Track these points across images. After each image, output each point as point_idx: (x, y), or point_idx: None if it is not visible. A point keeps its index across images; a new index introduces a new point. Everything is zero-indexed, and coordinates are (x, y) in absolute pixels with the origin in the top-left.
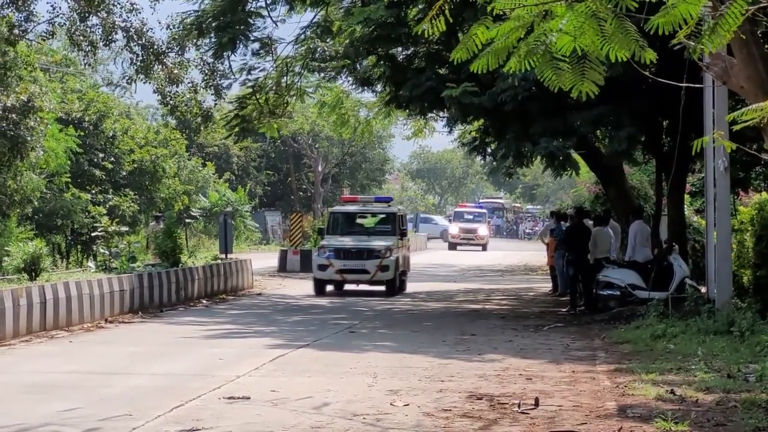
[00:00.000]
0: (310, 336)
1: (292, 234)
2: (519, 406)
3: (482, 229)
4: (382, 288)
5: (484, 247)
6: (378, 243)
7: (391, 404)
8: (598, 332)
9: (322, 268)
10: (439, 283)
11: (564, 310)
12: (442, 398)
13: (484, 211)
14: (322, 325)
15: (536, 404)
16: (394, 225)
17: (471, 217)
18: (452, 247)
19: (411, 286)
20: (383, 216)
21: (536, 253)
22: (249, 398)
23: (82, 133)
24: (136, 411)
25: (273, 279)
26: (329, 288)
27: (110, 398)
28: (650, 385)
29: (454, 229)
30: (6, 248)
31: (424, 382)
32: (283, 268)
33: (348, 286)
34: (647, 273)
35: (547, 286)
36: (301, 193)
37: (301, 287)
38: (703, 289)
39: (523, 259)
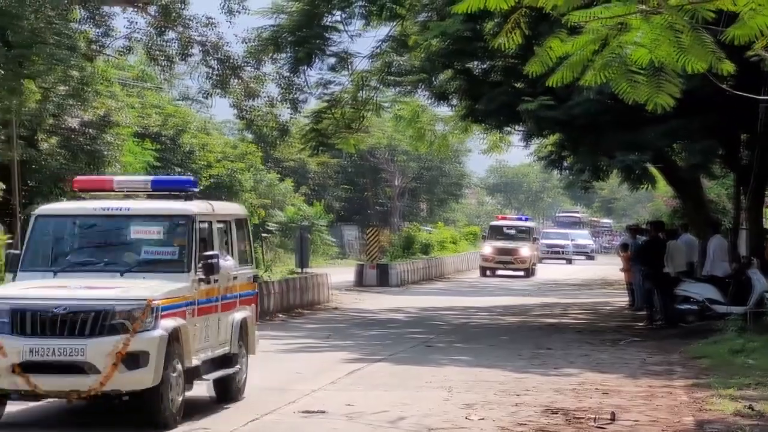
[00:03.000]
0: (386, 350)
1: (368, 248)
2: (595, 420)
3: (525, 249)
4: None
5: (528, 273)
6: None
7: (466, 418)
8: (675, 347)
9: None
10: (515, 297)
11: (641, 324)
12: (517, 412)
13: (530, 225)
14: (399, 339)
15: (613, 419)
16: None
17: (512, 232)
18: (484, 272)
19: (486, 301)
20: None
21: (614, 267)
22: (325, 412)
23: (160, 148)
24: (213, 424)
25: (350, 293)
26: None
27: (187, 410)
28: (728, 400)
29: (487, 248)
30: None
31: (499, 396)
32: (360, 282)
33: None
34: (726, 287)
35: (624, 300)
36: (378, 208)
37: (377, 301)
38: None
39: (600, 273)
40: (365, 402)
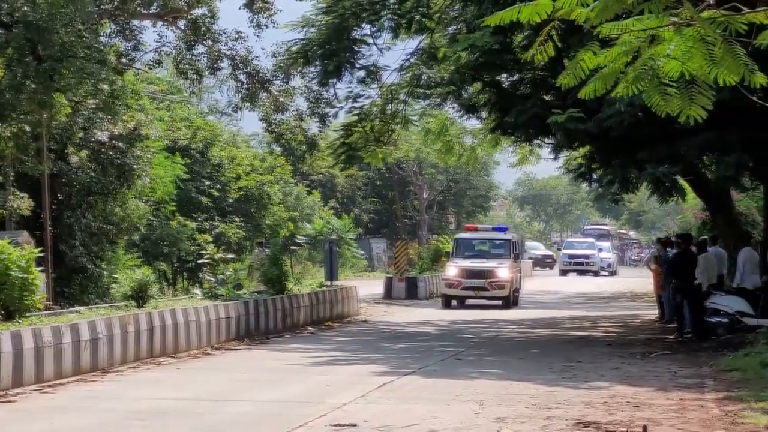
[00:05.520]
0: (416, 363)
1: (397, 261)
2: None
3: (503, 271)
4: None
5: (507, 302)
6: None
7: None
8: (706, 360)
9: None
10: (544, 310)
11: (671, 337)
12: (549, 426)
13: (510, 237)
14: (428, 352)
15: None
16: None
17: (485, 248)
18: (447, 302)
19: (515, 314)
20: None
21: (642, 280)
22: (355, 425)
23: (189, 161)
24: None
25: (378, 306)
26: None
27: (218, 425)
28: (760, 413)
29: (451, 269)
30: (113, 275)
31: (530, 409)
32: (388, 295)
33: None
34: (756, 300)
35: (653, 312)
36: (406, 221)
37: (406, 314)
38: None
39: (629, 286)
40: (396, 415)
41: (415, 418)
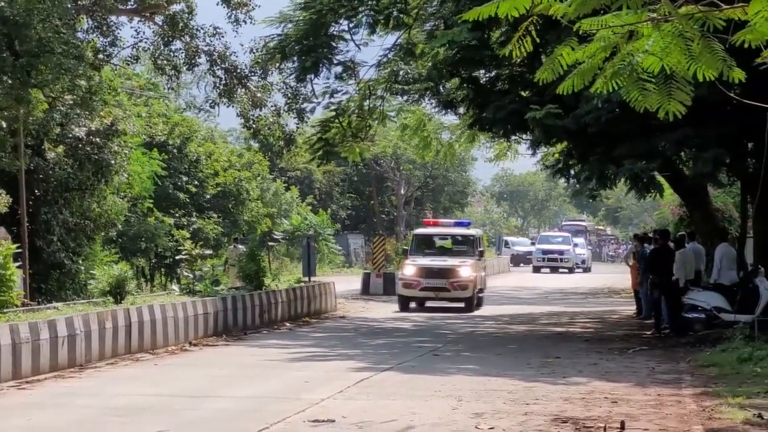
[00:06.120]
0: (393, 359)
1: (375, 257)
2: (605, 429)
3: (466, 270)
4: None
5: (470, 304)
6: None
7: (476, 428)
8: (683, 355)
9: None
10: (522, 306)
11: (649, 333)
12: (527, 421)
13: (474, 233)
14: (406, 348)
15: (622, 428)
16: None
17: (446, 244)
18: (405, 304)
19: (493, 310)
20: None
21: (619, 276)
22: (333, 421)
23: (167, 157)
24: None
25: (356, 302)
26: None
27: (196, 421)
28: (737, 409)
29: (409, 269)
30: (91, 271)
31: (508, 405)
32: (366, 290)
33: None
34: (733, 295)
35: (630, 308)
36: (383, 216)
37: (384, 310)
38: None
39: (606, 282)
40: (374, 411)
41: (393, 413)
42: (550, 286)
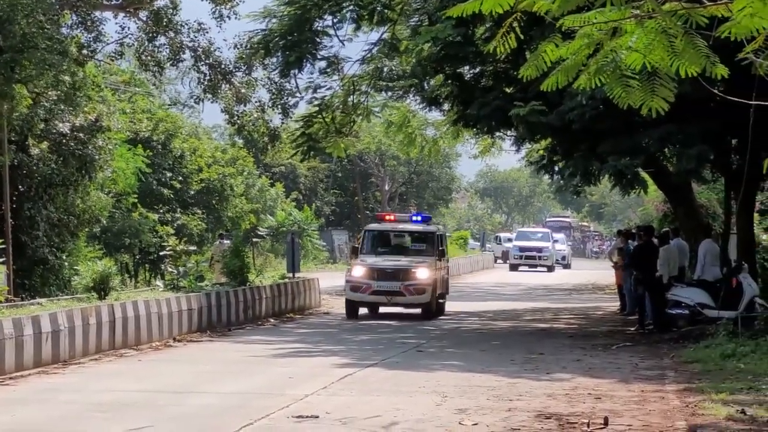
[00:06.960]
0: (378, 355)
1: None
2: (588, 425)
3: (423, 271)
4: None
5: (428, 310)
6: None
7: (459, 423)
8: (667, 351)
9: None
10: (505, 302)
11: (632, 329)
12: (510, 417)
13: (434, 229)
14: (390, 344)
15: (605, 424)
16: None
17: (402, 241)
18: (352, 310)
19: (476, 306)
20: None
21: (603, 272)
22: (317, 417)
23: (151, 153)
24: (206, 430)
25: (340, 298)
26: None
27: (180, 417)
28: (720, 405)
29: (358, 270)
30: (75, 267)
31: (492, 401)
32: None
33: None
34: (716, 292)
35: (614, 305)
36: (368, 212)
37: None
38: None
39: (590, 278)
40: (358, 407)
41: (377, 409)
42: (534, 282)
